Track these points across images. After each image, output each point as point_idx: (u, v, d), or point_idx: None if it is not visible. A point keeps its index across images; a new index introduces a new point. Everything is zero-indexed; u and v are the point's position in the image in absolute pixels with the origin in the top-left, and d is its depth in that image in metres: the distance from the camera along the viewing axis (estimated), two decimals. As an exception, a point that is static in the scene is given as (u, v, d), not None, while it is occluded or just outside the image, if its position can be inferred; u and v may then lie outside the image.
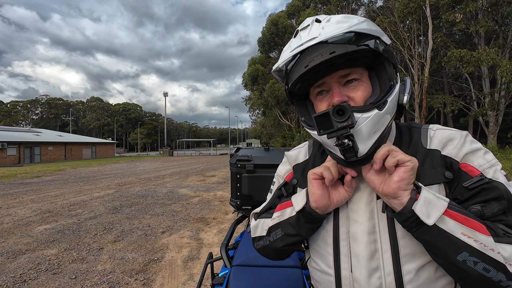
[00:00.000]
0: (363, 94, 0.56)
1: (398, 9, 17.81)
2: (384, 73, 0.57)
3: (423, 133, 0.61)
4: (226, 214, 5.27)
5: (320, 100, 0.60)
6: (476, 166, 0.53)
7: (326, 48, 0.52)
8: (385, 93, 0.55)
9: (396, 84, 0.56)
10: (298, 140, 26.48)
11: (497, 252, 0.44)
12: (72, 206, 6.19)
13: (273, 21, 28.20)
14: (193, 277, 2.79)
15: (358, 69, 0.57)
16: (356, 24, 0.52)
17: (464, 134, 0.58)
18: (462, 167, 0.54)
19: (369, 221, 0.58)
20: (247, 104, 46.21)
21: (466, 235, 0.45)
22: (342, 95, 0.56)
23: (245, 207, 1.55)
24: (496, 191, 0.50)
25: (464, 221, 0.46)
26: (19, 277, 2.82)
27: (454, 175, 0.54)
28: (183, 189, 8.37)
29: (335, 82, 0.57)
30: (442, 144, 0.57)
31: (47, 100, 77.64)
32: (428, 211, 0.46)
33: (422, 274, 0.53)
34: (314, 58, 0.52)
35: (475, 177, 0.52)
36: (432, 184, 0.54)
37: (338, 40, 0.52)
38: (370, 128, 0.53)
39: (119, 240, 3.89)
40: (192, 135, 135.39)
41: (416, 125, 0.64)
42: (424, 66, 18.05)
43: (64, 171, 15.98)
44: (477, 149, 0.55)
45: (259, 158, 1.55)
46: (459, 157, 0.55)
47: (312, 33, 0.55)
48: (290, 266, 1.09)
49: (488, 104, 15.45)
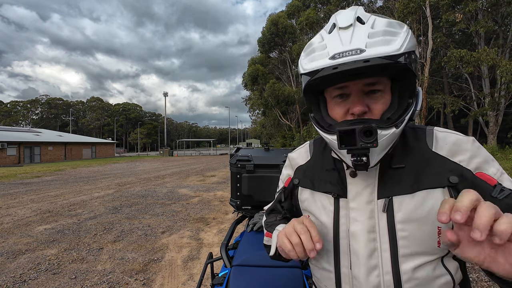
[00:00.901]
0: (382, 107, 0.55)
1: (398, 9, 17.81)
2: (407, 89, 0.55)
3: (429, 134, 0.59)
4: (226, 214, 5.27)
5: (338, 104, 0.58)
6: (491, 174, 0.53)
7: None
8: (403, 111, 0.54)
9: (413, 101, 0.55)
10: (298, 140, 26.47)
11: None
12: (72, 206, 6.19)
13: (273, 21, 28.19)
14: (193, 277, 2.79)
15: (383, 79, 0.55)
16: (404, 42, 0.49)
17: (472, 140, 0.57)
18: (479, 176, 0.53)
19: (369, 220, 0.57)
20: (247, 104, 46.21)
21: None
22: (363, 105, 0.54)
23: (245, 207, 1.56)
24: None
25: None
26: (19, 277, 2.82)
27: (465, 182, 0.53)
28: (183, 189, 8.37)
29: (359, 89, 0.55)
30: (451, 150, 0.56)
31: (47, 100, 77.63)
32: None
33: (420, 273, 0.53)
34: (350, 63, 0.49)
35: (495, 186, 0.52)
36: (434, 188, 0.53)
37: None
38: (386, 145, 0.53)
39: (119, 240, 3.89)
40: (192, 135, 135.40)
41: (420, 126, 0.63)
42: (424, 66, 18.05)
43: (64, 171, 15.98)
44: (488, 157, 0.55)
45: (259, 158, 1.55)
46: (472, 166, 0.54)
47: (356, 41, 0.50)
48: (290, 266, 1.09)
49: (488, 104, 15.45)
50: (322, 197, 0.64)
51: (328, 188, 0.63)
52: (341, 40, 0.51)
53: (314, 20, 25.05)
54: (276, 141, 36.46)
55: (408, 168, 0.57)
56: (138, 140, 72.10)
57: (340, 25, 0.53)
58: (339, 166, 0.64)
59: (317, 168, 0.69)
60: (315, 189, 0.66)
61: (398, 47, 0.48)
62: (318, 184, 0.66)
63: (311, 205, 0.67)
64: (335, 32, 0.53)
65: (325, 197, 0.64)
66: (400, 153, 0.59)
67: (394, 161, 0.58)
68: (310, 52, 0.56)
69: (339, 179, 0.63)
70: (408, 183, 0.55)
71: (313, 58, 0.54)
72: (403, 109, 0.54)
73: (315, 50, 0.55)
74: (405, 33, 0.51)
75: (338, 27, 0.53)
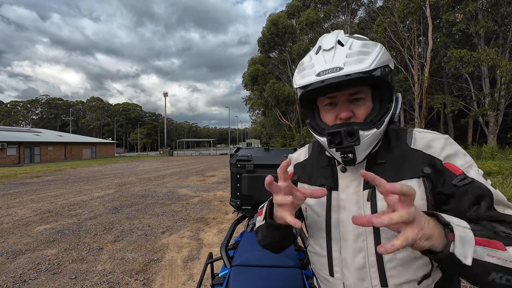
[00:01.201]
0: (365, 112, 0.66)
1: (398, 9, 17.82)
2: (385, 96, 0.67)
3: (409, 134, 0.69)
4: (226, 214, 5.27)
5: (329, 111, 0.69)
6: (459, 165, 0.61)
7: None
8: (383, 114, 0.65)
9: (392, 105, 0.66)
10: (298, 140, 26.47)
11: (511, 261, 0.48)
12: (72, 206, 6.19)
13: (273, 21, 28.18)
14: (193, 277, 2.79)
15: (364, 88, 0.65)
16: (375, 59, 0.61)
17: (446, 137, 0.66)
18: (446, 165, 0.62)
19: (356, 208, 0.65)
20: (247, 104, 46.23)
21: (491, 256, 0.48)
22: (348, 111, 0.65)
23: (245, 207, 1.55)
24: (479, 190, 0.57)
25: (487, 243, 0.48)
26: (19, 277, 2.82)
27: (436, 172, 0.61)
28: (183, 189, 8.37)
29: (345, 98, 0.66)
30: (426, 145, 0.65)
31: (47, 100, 77.63)
32: (465, 251, 0.47)
33: (401, 255, 0.60)
34: (332, 78, 0.60)
35: (459, 175, 0.60)
36: (411, 178, 0.62)
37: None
38: (368, 144, 0.63)
39: (119, 240, 3.89)
40: (192, 135, 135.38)
41: (402, 128, 0.72)
42: (424, 66, 18.05)
43: (64, 171, 15.98)
44: (458, 151, 0.64)
45: (259, 158, 1.55)
46: (442, 156, 0.63)
47: (337, 60, 0.61)
48: (290, 266, 1.09)
49: (488, 104, 15.45)
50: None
51: (322, 182, 0.73)
52: (325, 60, 0.63)
53: (314, 20, 25.06)
54: (276, 141, 36.46)
55: (389, 163, 0.66)
56: (138, 140, 72.10)
57: (324, 48, 0.65)
58: (332, 163, 0.74)
59: (314, 165, 0.79)
60: (311, 183, 0.76)
61: (369, 64, 0.60)
62: (314, 179, 0.76)
63: (308, 198, 0.72)
64: (320, 53, 0.65)
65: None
66: (383, 151, 0.68)
67: (378, 157, 0.67)
68: (302, 70, 0.68)
69: (332, 174, 0.72)
70: (389, 176, 0.62)
71: (303, 75, 0.67)
72: (382, 112, 0.65)
73: (305, 68, 0.67)
74: (377, 51, 0.62)
75: (323, 49, 0.65)
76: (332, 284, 0.70)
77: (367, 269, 0.63)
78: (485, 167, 8.27)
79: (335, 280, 0.68)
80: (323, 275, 0.72)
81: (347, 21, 24.91)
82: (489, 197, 0.56)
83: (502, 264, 0.48)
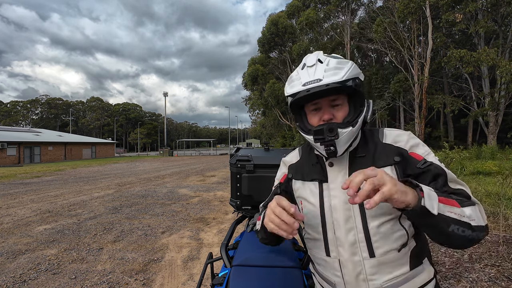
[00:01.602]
0: (343, 114, 0.82)
1: (398, 9, 17.81)
2: (357, 101, 0.82)
3: (380, 132, 0.87)
4: (226, 214, 5.27)
5: (314, 114, 0.85)
6: (420, 153, 0.79)
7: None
8: (357, 115, 0.80)
9: (364, 108, 0.82)
10: (298, 140, 26.47)
11: (464, 215, 0.63)
12: (72, 206, 6.19)
13: (273, 21, 28.18)
14: (193, 277, 2.79)
15: (341, 95, 0.82)
16: (346, 73, 0.77)
17: (408, 133, 0.84)
18: (411, 154, 0.79)
19: (344, 195, 0.79)
20: (247, 104, 46.23)
21: (450, 212, 0.63)
22: (330, 114, 0.82)
23: (245, 207, 1.55)
24: (437, 170, 0.75)
25: (446, 202, 0.63)
26: (19, 277, 2.82)
27: (404, 159, 0.78)
28: (183, 189, 8.37)
29: (326, 104, 0.82)
30: (394, 139, 0.83)
31: (47, 100, 77.60)
32: (431, 203, 0.60)
33: (383, 229, 0.75)
34: (315, 87, 0.77)
35: (421, 161, 0.77)
36: (386, 166, 0.78)
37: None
38: (346, 139, 0.78)
39: (119, 240, 3.89)
40: (192, 135, 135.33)
41: (375, 128, 0.90)
42: (424, 66, 18.05)
43: (64, 171, 15.98)
44: (419, 143, 0.82)
45: (259, 158, 1.55)
46: (407, 147, 0.80)
47: (317, 74, 0.78)
48: (290, 266, 1.09)
49: (488, 105, 15.43)
50: (310, 184, 0.88)
51: (314, 177, 0.88)
52: (308, 74, 0.80)
53: (314, 20, 25.04)
54: (276, 141, 36.45)
55: (368, 156, 0.82)
56: (138, 140, 72.07)
57: (308, 64, 0.82)
58: (321, 160, 0.89)
59: (305, 164, 0.94)
60: (305, 179, 0.91)
61: (342, 76, 0.76)
62: (307, 175, 0.91)
63: (303, 192, 0.90)
64: (305, 69, 0.82)
65: (312, 184, 0.88)
66: (361, 147, 0.85)
67: (358, 152, 0.84)
68: (291, 82, 0.85)
69: (321, 169, 0.87)
70: (368, 165, 0.72)
71: (292, 86, 0.83)
72: (356, 115, 0.81)
73: (293, 80, 0.83)
74: (348, 67, 0.78)
75: (307, 66, 0.82)
76: (329, 263, 0.83)
77: (358, 244, 0.77)
78: (485, 167, 8.25)
79: (332, 259, 0.82)
80: (320, 257, 0.86)
81: (347, 21, 24.89)
82: (444, 175, 0.74)
83: (458, 218, 0.63)
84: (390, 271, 0.76)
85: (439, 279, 2.47)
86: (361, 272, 0.77)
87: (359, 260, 0.77)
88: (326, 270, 0.85)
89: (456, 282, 2.43)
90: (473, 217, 0.64)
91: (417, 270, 0.77)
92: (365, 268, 0.76)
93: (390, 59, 24.18)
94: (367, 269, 0.76)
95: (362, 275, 0.77)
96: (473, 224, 0.64)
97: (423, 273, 0.78)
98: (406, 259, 0.76)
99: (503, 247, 2.96)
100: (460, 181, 0.75)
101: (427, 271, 0.79)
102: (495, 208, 4.19)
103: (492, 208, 4.27)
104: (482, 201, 4.73)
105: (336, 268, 0.81)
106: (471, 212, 0.65)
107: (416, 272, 0.77)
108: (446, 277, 2.52)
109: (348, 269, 0.78)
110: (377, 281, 0.76)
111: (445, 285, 2.39)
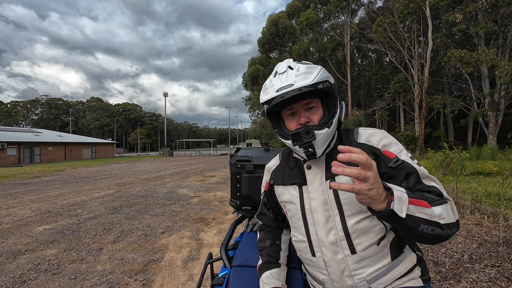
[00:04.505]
0: (318, 117, 0.85)
1: (398, 9, 17.82)
2: (330, 102, 0.85)
3: (355, 132, 0.89)
4: (226, 215, 5.27)
5: (291, 119, 0.88)
6: (393, 151, 0.81)
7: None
8: (331, 116, 0.83)
9: (337, 110, 0.84)
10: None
11: (434, 215, 0.66)
12: (72, 206, 6.19)
13: (273, 22, 28.19)
14: (192, 278, 2.78)
15: (315, 99, 0.85)
16: (316, 76, 0.80)
17: (382, 131, 0.86)
18: (384, 152, 0.81)
19: (322, 197, 0.83)
20: (247, 104, 46.19)
21: (420, 212, 0.65)
22: (305, 117, 0.84)
23: (245, 208, 1.55)
24: (409, 168, 0.77)
25: (417, 203, 0.65)
26: (18, 277, 2.82)
27: (377, 158, 0.80)
28: (183, 190, 8.36)
29: (301, 108, 0.85)
30: (367, 138, 0.85)
31: (47, 100, 77.62)
32: (401, 207, 0.63)
33: (361, 225, 0.79)
34: (288, 92, 0.79)
35: (393, 159, 0.79)
36: None
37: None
38: (323, 140, 0.80)
39: (119, 240, 3.89)
40: (192, 135, 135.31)
41: (350, 128, 0.93)
42: (424, 66, 18.05)
43: (64, 171, 15.97)
44: (392, 141, 0.84)
45: (259, 159, 1.55)
46: (380, 146, 0.82)
47: (289, 79, 0.81)
48: (290, 267, 1.08)
49: (488, 105, 15.42)
50: (290, 188, 0.91)
51: (293, 181, 0.91)
52: (280, 80, 0.83)
53: (314, 21, 25.05)
54: (276, 141, 36.41)
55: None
56: (138, 140, 72.07)
57: (279, 72, 0.86)
58: (299, 163, 0.92)
59: (285, 168, 0.97)
60: (285, 184, 0.94)
61: (311, 80, 0.79)
62: (287, 179, 0.94)
63: (284, 196, 0.93)
64: (277, 76, 0.85)
65: (292, 188, 0.91)
66: (337, 147, 0.84)
67: (334, 153, 0.85)
68: (265, 89, 0.87)
69: (300, 172, 0.90)
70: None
71: (267, 93, 0.85)
72: (330, 116, 0.84)
73: (267, 88, 0.86)
74: (317, 71, 0.82)
75: (278, 73, 0.85)
76: (316, 263, 0.87)
77: (339, 243, 0.80)
78: (485, 167, 8.25)
79: (317, 259, 0.85)
80: (308, 258, 0.89)
81: (347, 21, 24.90)
82: (416, 174, 0.77)
83: (428, 218, 0.65)
84: (373, 264, 0.80)
85: (439, 279, 2.46)
86: (345, 269, 0.81)
87: (342, 258, 0.81)
88: (314, 270, 0.89)
89: (456, 282, 2.43)
90: (443, 215, 0.67)
91: (399, 259, 0.81)
92: (348, 265, 0.80)
93: (390, 59, 24.18)
94: (350, 265, 0.80)
95: (346, 271, 0.81)
96: (442, 222, 0.67)
97: (405, 260, 0.82)
98: (386, 251, 0.80)
99: (503, 247, 2.95)
100: (432, 178, 0.77)
101: (409, 258, 0.83)
102: (495, 209, 4.18)
103: (492, 209, 4.26)
104: (482, 201, 4.73)
105: (322, 267, 0.85)
106: (441, 211, 0.68)
107: (398, 261, 0.81)
108: (446, 277, 2.52)
109: (333, 267, 0.82)
110: (361, 275, 0.80)
111: (445, 285, 2.39)
